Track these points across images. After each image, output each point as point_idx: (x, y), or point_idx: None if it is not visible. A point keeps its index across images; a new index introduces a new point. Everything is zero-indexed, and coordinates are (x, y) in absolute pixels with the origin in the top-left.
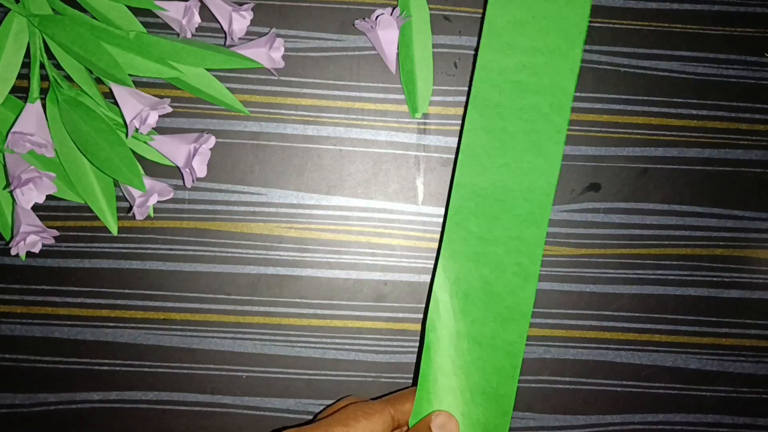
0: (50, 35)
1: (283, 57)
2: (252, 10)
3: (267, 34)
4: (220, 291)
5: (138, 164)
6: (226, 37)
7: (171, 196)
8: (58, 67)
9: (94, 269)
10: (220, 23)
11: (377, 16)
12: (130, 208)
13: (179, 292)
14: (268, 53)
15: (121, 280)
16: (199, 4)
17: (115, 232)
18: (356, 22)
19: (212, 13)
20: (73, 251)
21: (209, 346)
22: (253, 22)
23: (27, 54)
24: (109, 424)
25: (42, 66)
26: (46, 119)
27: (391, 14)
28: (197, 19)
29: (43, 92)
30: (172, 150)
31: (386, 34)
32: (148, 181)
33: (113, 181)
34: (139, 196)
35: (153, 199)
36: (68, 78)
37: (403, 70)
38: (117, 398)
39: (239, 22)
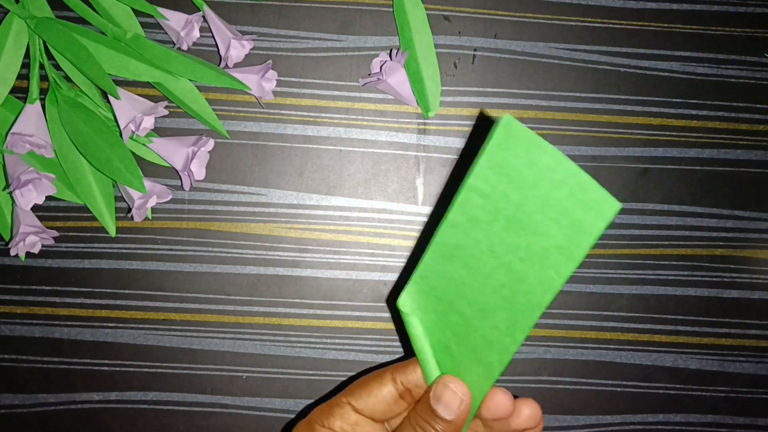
0: (46, 39)
1: (283, 57)
2: (253, 41)
3: (266, 51)
4: (220, 291)
5: (138, 166)
6: (221, 61)
7: (170, 198)
8: (57, 67)
9: (93, 270)
10: (217, 46)
11: (381, 66)
12: (129, 209)
13: (179, 293)
14: (260, 81)
15: (120, 281)
16: (201, 20)
17: (113, 233)
18: (361, 80)
19: (212, 34)
20: (73, 252)
21: (209, 347)
22: (253, 22)
23: (27, 54)
24: (109, 424)
25: (41, 66)
26: (46, 120)
27: (391, 57)
28: (196, 33)
29: (43, 93)
30: (170, 153)
31: (395, 79)
32: (147, 183)
33: (112, 183)
34: (139, 197)
35: (152, 201)
36: (68, 78)
37: (409, 72)
38: (117, 398)
39: (237, 49)
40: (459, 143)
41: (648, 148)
